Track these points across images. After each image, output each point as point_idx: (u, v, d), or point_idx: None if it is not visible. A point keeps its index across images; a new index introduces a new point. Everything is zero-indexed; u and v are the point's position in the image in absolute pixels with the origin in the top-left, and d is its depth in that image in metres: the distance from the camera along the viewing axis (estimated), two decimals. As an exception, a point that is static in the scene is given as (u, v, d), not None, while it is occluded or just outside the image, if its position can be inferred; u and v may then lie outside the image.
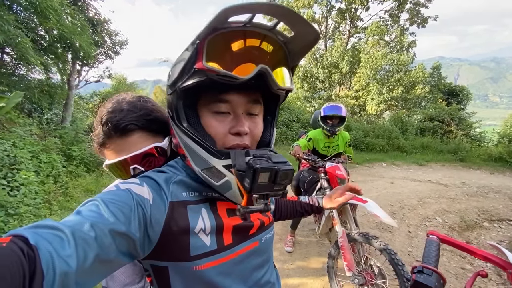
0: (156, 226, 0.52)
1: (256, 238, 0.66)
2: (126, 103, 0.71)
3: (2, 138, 3.51)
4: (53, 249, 0.36)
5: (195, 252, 0.55)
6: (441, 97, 14.11)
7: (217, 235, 0.58)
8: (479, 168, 8.02)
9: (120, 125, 0.67)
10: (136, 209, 0.49)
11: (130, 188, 0.52)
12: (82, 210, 0.45)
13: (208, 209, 0.60)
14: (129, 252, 0.48)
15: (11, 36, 4.23)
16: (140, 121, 0.68)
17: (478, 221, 4.28)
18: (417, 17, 16.00)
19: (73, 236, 0.38)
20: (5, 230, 2.14)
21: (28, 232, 0.36)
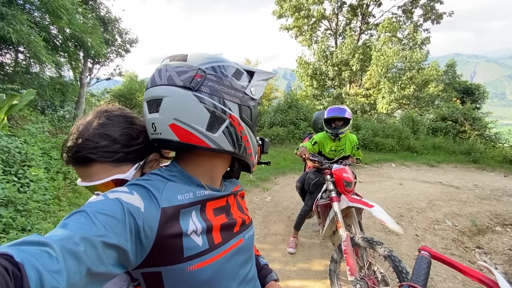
0: (150, 233, 0.51)
1: (240, 236, 0.70)
2: (92, 128, 0.67)
3: (14, 135, 3.63)
4: (41, 265, 0.34)
5: (188, 253, 0.56)
6: (455, 95, 13.68)
7: (208, 235, 0.60)
8: (493, 170, 7.74)
9: (76, 157, 0.66)
10: (127, 219, 0.48)
11: (119, 197, 0.51)
12: (69, 222, 0.43)
13: (198, 212, 0.62)
14: (120, 263, 0.47)
15: (24, 35, 4.34)
16: (96, 153, 0.65)
17: (490, 225, 4.14)
18: (431, 13, 15.52)
19: (62, 251, 0.37)
20: (13, 226, 2.21)
21: (13, 250, 0.34)
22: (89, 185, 0.67)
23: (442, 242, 3.54)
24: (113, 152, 0.66)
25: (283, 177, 6.31)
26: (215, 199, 0.67)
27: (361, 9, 16.73)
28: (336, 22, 17.56)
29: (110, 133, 0.67)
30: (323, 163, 2.32)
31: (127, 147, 0.68)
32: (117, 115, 0.71)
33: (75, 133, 0.67)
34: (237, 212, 0.74)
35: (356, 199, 2.07)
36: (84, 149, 0.65)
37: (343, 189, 2.15)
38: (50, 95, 5.85)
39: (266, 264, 0.97)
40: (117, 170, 0.67)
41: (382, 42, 15.08)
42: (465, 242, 3.70)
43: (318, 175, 2.74)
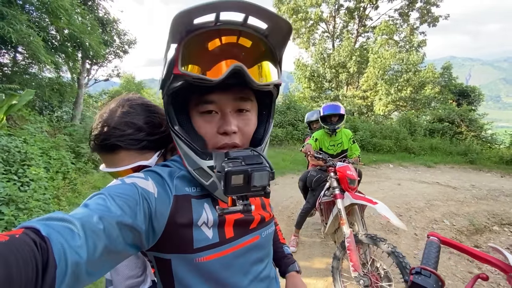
0: (161, 218, 0.53)
1: (257, 233, 0.67)
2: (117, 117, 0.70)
3: (14, 135, 3.61)
4: (64, 240, 0.36)
5: (198, 244, 0.56)
6: (451, 97, 13.83)
7: (219, 228, 0.60)
8: (489, 170, 7.83)
9: (104, 144, 0.68)
10: (142, 202, 0.50)
11: (135, 182, 0.53)
12: (90, 203, 0.46)
13: (210, 204, 0.61)
14: (135, 243, 0.49)
15: (23, 35, 4.33)
16: (124, 141, 0.68)
17: (488, 225, 4.18)
18: (427, 16, 15.73)
19: (83, 228, 0.39)
20: (15, 224, 2.20)
21: (40, 224, 0.37)
22: (113, 171, 0.69)
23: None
24: (139, 140, 0.69)
25: (282, 177, 6.34)
26: None
27: (358, 12, 16.91)
28: (334, 24, 17.71)
29: (135, 122, 0.69)
30: (327, 161, 2.36)
31: (151, 135, 0.71)
32: (139, 104, 0.74)
33: (100, 121, 0.70)
34: (257, 208, 0.70)
35: (360, 196, 2.09)
36: (111, 137, 0.67)
37: (346, 186, 2.17)
38: (48, 96, 5.83)
39: (290, 254, 0.93)
40: (141, 157, 0.70)
41: (379, 44, 15.23)
42: (463, 241, 3.74)
43: (320, 172, 2.79)
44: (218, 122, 0.57)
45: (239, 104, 0.58)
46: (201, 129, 0.58)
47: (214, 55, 0.51)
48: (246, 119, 0.59)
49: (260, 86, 0.54)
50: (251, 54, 0.54)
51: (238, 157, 0.51)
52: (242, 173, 0.46)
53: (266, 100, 0.65)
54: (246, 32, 0.53)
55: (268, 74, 0.55)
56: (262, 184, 0.47)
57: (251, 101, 0.60)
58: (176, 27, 0.49)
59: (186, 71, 0.51)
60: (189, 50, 0.51)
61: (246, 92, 0.57)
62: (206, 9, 0.46)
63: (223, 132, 0.56)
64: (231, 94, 0.56)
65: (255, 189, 0.47)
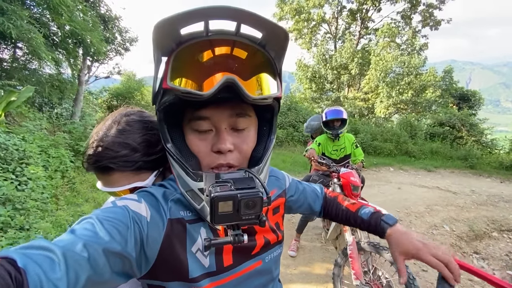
0: (154, 244, 0.50)
1: (259, 258, 0.63)
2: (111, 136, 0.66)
3: (12, 132, 3.57)
4: (42, 272, 0.34)
5: (193, 273, 0.53)
6: (452, 101, 13.83)
7: (216, 256, 0.56)
8: (489, 176, 7.82)
9: (97, 166, 0.65)
10: (133, 227, 0.47)
11: (127, 205, 0.50)
12: (77, 228, 0.43)
13: (207, 228, 0.57)
14: (124, 272, 0.47)
15: (24, 31, 4.29)
16: (116, 163, 0.64)
17: (487, 231, 4.18)
18: (430, 19, 15.71)
19: (64, 258, 0.37)
20: (11, 225, 2.16)
21: (17, 254, 0.34)
22: (110, 191, 0.66)
23: (441, 247, 3.57)
24: (133, 162, 0.65)
25: (282, 179, 6.30)
26: None
27: (361, 13, 16.88)
28: (336, 26, 17.69)
29: (129, 142, 0.66)
30: (330, 166, 2.34)
31: (147, 155, 0.67)
32: (136, 121, 0.70)
33: (95, 140, 0.66)
34: (262, 231, 0.64)
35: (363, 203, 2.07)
36: (103, 158, 0.64)
37: (350, 193, 2.15)
38: (48, 93, 5.78)
39: (373, 213, 0.78)
40: (137, 178, 0.66)
41: (381, 47, 15.22)
42: (463, 247, 3.73)
43: (322, 177, 2.77)
44: (212, 139, 0.53)
45: (236, 120, 0.53)
46: (194, 147, 0.54)
47: (206, 67, 0.47)
48: (243, 136, 0.55)
49: (256, 100, 0.49)
50: (247, 66, 0.49)
51: (228, 180, 0.46)
52: (231, 199, 0.41)
53: (266, 115, 0.60)
54: (241, 42, 0.49)
55: (265, 86, 0.51)
56: (254, 212, 0.42)
57: (249, 116, 0.55)
58: (161, 38, 0.45)
59: (175, 85, 0.47)
60: (180, 63, 0.48)
61: (243, 107, 0.53)
62: (193, 17, 0.43)
63: (217, 151, 0.52)
64: (227, 109, 0.52)
65: (247, 217, 0.42)
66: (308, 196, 0.85)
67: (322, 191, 0.90)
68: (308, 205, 0.85)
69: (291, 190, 0.79)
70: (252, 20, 0.45)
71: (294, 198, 0.80)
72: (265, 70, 0.51)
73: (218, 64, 0.48)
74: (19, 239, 2.08)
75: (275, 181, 0.75)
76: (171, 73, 0.48)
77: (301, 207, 0.84)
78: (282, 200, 0.74)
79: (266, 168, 0.58)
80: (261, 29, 0.47)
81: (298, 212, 0.88)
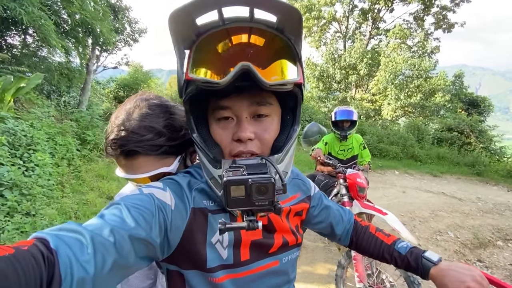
0: (177, 232, 0.51)
1: (276, 258, 0.63)
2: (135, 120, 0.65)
3: (21, 118, 3.59)
4: (72, 254, 0.36)
5: (211, 264, 0.54)
6: (461, 106, 13.61)
7: (234, 249, 0.57)
8: (496, 184, 7.71)
9: (123, 150, 0.64)
10: (158, 215, 0.48)
11: (153, 193, 0.51)
12: (105, 213, 0.45)
13: (228, 219, 0.58)
14: (148, 256, 0.48)
15: (35, 18, 4.30)
16: (143, 147, 0.64)
17: (492, 240, 4.12)
18: (443, 22, 15.41)
19: (92, 241, 0.38)
20: (17, 210, 2.18)
21: (50, 235, 0.36)
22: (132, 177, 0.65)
23: (445, 254, 3.53)
24: (159, 146, 0.64)
25: (285, 177, 6.29)
26: None
27: (372, 13, 16.61)
28: (346, 25, 17.45)
29: (154, 126, 0.65)
30: (337, 167, 2.31)
31: (172, 140, 0.66)
32: (158, 105, 0.69)
33: (117, 124, 0.65)
34: (281, 230, 0.63)
35: (369, 205, 2.04)
36: (129, 142, 0.63)
37: (356, 194, 2.12)
38: (57, 80, 5.81)
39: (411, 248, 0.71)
40: (161, 163, 0.66)
41: (391, 48, 14.98)
42: (466, 255, 3.69)
43: (328, 177, 2.74)
44: (234, 128, 0.54)
45: (256, 108, 0.53)
46: (216, 136, 0.55)
47: (224, 57, 0.48)
48: (264, 125, 0.54)
49: (274, 86, 0.48)
50: (265, 52, 0.49)
51: (241, 165, 0.47)
52: (242, 184, 0.41)
53: (290, 104, 0.59)
54: (257, 29, 0.49)
55: (284, 72, 0.50)
56: (266, 198, 0.42)
57: (270, 105, 0.54)
58: (181, 30, 0.46)
59: (195, 76, 0.48)
60: (199, 54, 0.49)
61: (263, 95, 0.53)
62: (205, 5, 0.43)
63: (237, 139, 0.52)
64: (247, 98, 0.52)
65: (260, 203, 0.42)
66: (332, 215, 0.79)
67: (352, 217, 0.83)
68: (329, 225, 0.78)
69: (315, 201, 0.75)
70: (264, 4, 0.44)
71: (315, 211, 0.75)
72: (284, 56, 0.51)
73: (235, 52, 0.48)
74: (25, 224, 2.10)
75: (301, 185, 0.73)
76: (192, 64, 0.49)
77: (321, 223, 0.77)
78: (306, 205, 0.72)
79: (288, 158, 0.56)
80: (275, 12, 0.46)
81: (316, 229, 0.80)
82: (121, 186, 3.72)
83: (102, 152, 5.00)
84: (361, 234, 0.79)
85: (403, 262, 0.70)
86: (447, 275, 0.60)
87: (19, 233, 2.02)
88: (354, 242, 0.80)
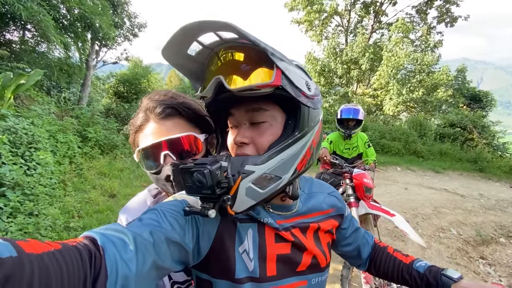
0: (207, 239, 0.54)
1: (304, 277, 0.62)
2: (170, 92, 0.76)
3: (21, 116, 3.55)
4: (117, 251, 0.38)
5: (239, 274, 0.55)
6: (463, 101, 13.51)
7: (260, 262, 0.57)
8: (499, 180, 7.70)
9: (161, 107, 0.70)
10: (190, 221, 0.52)
11: (187, 200, 0.55)
12: (144, 217, 0.48)
13: (255, 231, 0.59)
14: (181, 260, 0.51)
15: (34, 13, 4.23)
16: (180, 108, 0.71)
17: (495, 236, 4.12)
18: (446, 15, 15.19)
19: (135, 241, 0.41)
20: (20, 210, 2.16)
21: (98, 234, 0.39)
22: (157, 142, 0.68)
23: (448, 251, 3.53)
24: (193, 111, 0.73)
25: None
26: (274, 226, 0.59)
27: (375, 7, 16.37)
28: (348, 19, 17.22)
29: (189, 99, 0.76)
30: (343, 166, 2.28)
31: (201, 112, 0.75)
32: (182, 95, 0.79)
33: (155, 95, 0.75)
34: (312, 250, 0.62)
35: (376, 206, 2.02)
36: (167, 101, 0.71)
37: (362, 195, 2.10)
38: (57, 76, 5.75)
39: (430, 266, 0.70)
40: (191, 130, 0.73)
41: (393, 42, 14.79)
42: (469, 252, 3.69)
43: (333, 176, 2.72)
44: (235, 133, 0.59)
45: (252, 115, 0.56)
46: (227, 141, 0.61)
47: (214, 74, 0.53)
48: (260, 130, 0.56)
49: (242, 91, 0.50)
50: (246, 65, 0.53)
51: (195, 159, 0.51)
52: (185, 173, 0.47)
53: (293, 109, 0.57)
54: (234, 46, 0.54)
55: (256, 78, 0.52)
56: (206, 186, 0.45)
57: (265, 111, 0.56)
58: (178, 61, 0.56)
59: (198, 93, 0.57)
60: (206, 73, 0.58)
61: (258, 102, 0.55)
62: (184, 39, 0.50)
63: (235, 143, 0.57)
64: (243, 106, 0.56)
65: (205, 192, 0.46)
66: (360, 238, 0.78)
67: (373, 238, 0.83)
68: (356, 248, 0.77)
69: (347, 222, 0.74)
70: (213, 26, 0.48)
71: (347, 233, 0.74)
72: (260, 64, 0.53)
73: (223, 69, 0.54)
74: (28, 224, 2.08)
75: (337, 202, 0.73)
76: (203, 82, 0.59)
77: (349, 246, 0.76)
78: (336, 223, 0.70)
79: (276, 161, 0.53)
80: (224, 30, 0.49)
81: (341, 252, 0.78)
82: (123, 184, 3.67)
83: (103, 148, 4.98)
84: (380, 255, 0.78)
85: (422, 281, 0.68)
86: None
87: (22, 234, 2.00)
88: (372, 264, 0.79)
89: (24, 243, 0.31)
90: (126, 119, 4.39)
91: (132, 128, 0.75)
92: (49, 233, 2.21)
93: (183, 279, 0.75)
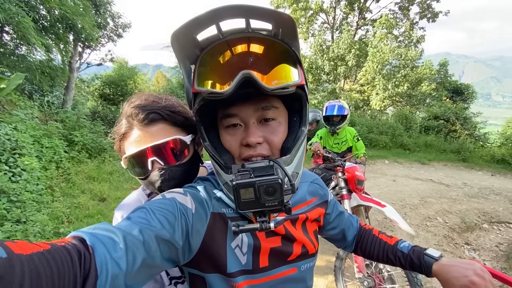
0: (197, 235, 0.53)
1: (294, 265, 0.64)
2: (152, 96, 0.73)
3: (3, 121, 3.43)
4: (107, 251, 0.38)
5: (231, 268, 0.56)
6: (445, 94, 13.94)
7: (254, 255, 0.58)
8: (481, 169, 8.01)
9: (144, 113, 0.68)
10: (180, 218, 0.50)
11: (175, 197, 0.53)
12: (132, 216, 0.47)
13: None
14: (171, 258, 0.50)
15: (12, 15, 4.07)
16: (164, 112, 0.69)
17: (478, 223, 4.30)
18: (428, 11, 15.61)
19: (124, 239, 0.40)
20: (7, 218, 2.10)
21: (86, 234, 0.38)
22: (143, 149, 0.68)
23: (435, 239, 3.66)
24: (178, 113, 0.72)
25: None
26: None
27: (359, 3, 16.64)
28: (334, 15, 17.44)
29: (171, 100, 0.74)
30: (336, 160, 2.34)
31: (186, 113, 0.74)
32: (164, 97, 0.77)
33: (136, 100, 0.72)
34: (301, 240, 0.64)
35: (367, 197, 2.08)
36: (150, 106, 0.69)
37: (354, 187, 2.16)
38: (39, 79, 5.56)
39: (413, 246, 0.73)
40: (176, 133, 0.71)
41: (378, 38, 15.09)
42: (455, 239, 3.84)
43: (325, 170, 2.78)
44: (242, 134, 0.56)
45: (262, 113, 0.55)
46: (226, 143, 0.57)
47: (226, 67, 0.51)
48: (272, 128, 0.56)
49: (276, 90, 0.50)
50: (266, 59, 0.51)
51: (249, 169, 0.49)
52: (250, 186, 0.43)
53: (296, 105, 0.59)
54: (255, 37, 0.51)
55: (285, 76, 0.51)
56: (275, 198, 0.43)
57: (275, 108, 0.56)
58: (184, 48, 0.49)
59: (201, 88, 0.51)
60: (203, 67, 0.52)
61: (268, 100, 0.54)
62: (203, 23, 0.46)
63: (246, 144, 0.54)
64: (252, 104, 0.54)
65: (270, 204, 0.44)
66: (344, 222, 0.81)
67: (358, 222, 0.86)
68: (341, 231, 0.80)
69: (331, 207, 0.77)
70: (257, 13, 0.46)
71: (331, 218, 0.77)
72: (283, 60, 0.52)
73: (237, 62, 0.50)
74: (16, 232, 2.03)
75: (319, 190, 0.74)
76: (198, 77, 0.52)
77: (334, 230, 0.79)
78: (322, 211, 0.73)
79: (297, 159, 0.57)
80: (268, 20, 0.48)
81: (327, 236, 0.81)
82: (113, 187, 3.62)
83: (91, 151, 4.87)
84: (365, 237, 0.81)
85: (406, 261, 0.72)
86: (450, 271, 0.62)
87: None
88: (359, 246, 0.82)
89: (12, 244, 0.30)
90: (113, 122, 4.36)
91: (116, 136, 0.74)
92: (38, 239, 2.16)
93: (179, 274, 0.76)
